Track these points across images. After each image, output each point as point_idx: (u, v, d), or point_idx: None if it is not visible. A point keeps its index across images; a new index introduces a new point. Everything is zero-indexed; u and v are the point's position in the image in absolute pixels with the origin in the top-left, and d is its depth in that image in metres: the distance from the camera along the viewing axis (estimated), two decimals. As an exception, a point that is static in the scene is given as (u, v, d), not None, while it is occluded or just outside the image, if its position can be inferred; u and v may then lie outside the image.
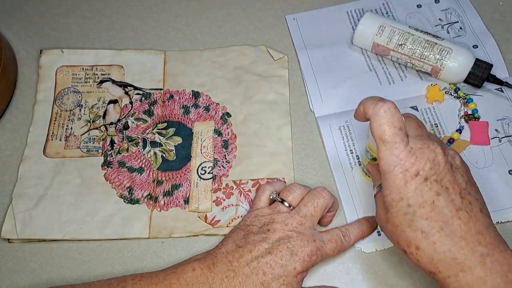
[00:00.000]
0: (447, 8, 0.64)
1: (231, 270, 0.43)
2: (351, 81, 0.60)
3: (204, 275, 0.43)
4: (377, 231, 0.50)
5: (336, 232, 0.47)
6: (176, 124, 0.58)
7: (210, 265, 0.44)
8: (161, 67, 0.62)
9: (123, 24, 0.66)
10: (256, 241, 0.44)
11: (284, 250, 0.43)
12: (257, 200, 0.49)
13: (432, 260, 0.38)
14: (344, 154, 0.55)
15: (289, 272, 0.43)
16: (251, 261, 0.43)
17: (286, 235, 0.44)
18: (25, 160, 0.57)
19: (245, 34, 0.64)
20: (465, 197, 0.39)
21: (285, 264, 0.43)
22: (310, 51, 0.62)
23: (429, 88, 0.58)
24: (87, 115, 0.59)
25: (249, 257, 0.43)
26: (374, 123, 0.40)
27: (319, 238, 0.45)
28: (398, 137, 0.39)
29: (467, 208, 0.39)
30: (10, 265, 0.52)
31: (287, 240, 0.44)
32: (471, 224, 0.38)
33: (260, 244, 0.44)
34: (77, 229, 0.53)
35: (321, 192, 0.48)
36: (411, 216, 0.39)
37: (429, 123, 0.56)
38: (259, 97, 0.59)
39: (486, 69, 0.55)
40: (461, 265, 0.37)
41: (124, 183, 0.55)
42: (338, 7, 0.65)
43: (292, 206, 0.47)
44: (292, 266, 0.43)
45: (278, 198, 0.48)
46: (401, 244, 0.40)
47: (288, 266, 0.43)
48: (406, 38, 0.57)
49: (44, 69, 0.62)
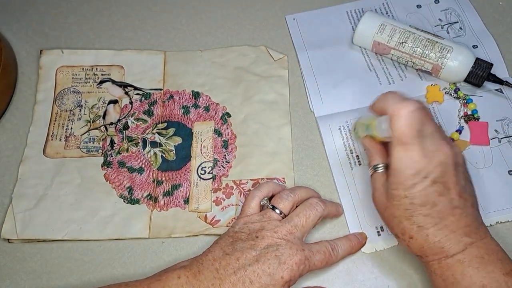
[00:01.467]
0: (447, 8, 0.64)
1: (217, 278, 0.42)
2: (351, 81, 0.60)
3: (189, 283, 0.43)
4: (377, 231, 0.50)
5: (324, 244, 0.47)
6: (176, 124, 0.59)
7: (196, 273, 0.43)
8: (161, 67, 0.62)
9: (123, 24, 0.66)
10: (244, 248, 0.44)
11: (272, 258, 0.43)
12: (246, 206, 0.48)
13: (422, 248, 0.42)
14: (344, 154, 0.55)
15: (276, 281, 0.42)
16: (238, 269, 0.43)
17: (275, 242, 0.44)
18: (25, 160, 0.57)
19: (245, 34, 0.64)
20: (462, 196, 0.42)
21: (273, 272, 0.42)
22: (310, 51, 0.62)
23: (429, 89, 0.58)
24: (87, 115, 0.59)
25: (236, 265, 0.43)
26: (395, 123, 0.40)
27: (308, 248, 0.45)
28: (416, 140, 0.40)
29: (462, 205, 0.42)
30: (10, 265, 0.52)
31: (276, 248, 0.44)
32: (462, 219, 0.41)
33: (248, 251, 0.44)
34: (77, 229, 0.53)
35: (314, 205, 0.47)
36: (411, 212, 0.41)
37: (429, 123, 0.56)
38: (259, 97, 0.59)
39: (487, 68, 0.55)
40: (446, 252, 0.41)
41: (124, 183, 0.55)
42: (338, 7, 0.65)
43: (284, 214, 0.47)
44: (280, 275, 0.43)
45: (269, 205, 0.48)
46: (395, 230, 0.43)
47: (275, 275, 0.42)
48: (407, 37, 0.57)
49: (44, 69, 0.62)
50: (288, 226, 0.45)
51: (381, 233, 0.50)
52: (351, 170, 0.54)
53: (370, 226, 0.51)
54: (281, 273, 0.43)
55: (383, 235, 0.50)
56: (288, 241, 0.44)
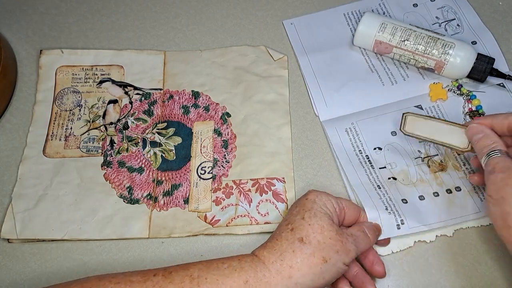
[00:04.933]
0: (443, 6, 0.64)
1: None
2: (354, 83, 0.60)
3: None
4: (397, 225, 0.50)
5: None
6: (176, 124, 0.58)
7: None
8: (161, 67, 0.62)
9: (123, 24, 0.66)
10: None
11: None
12: None
13: None
14: (353, 155, 0.55)
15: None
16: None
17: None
18: (24, 160, 0.57)
19: (244, 35, 0.64)
20: None
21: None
22: (310, 55, 0.62)
23: (432, 87, 0.58)
24: (86, 115, 0.59)
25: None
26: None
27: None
28: None
29: None
30: (10, 265, 0.52)
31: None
32: None
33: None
34: (76, 229, 0.52)
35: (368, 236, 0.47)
36: None
37: (436, 121, 0.56)
38: (259, 97, 0.59)
39: (489, 63, 0.55)
40: None
41: (124, 183, 0.55)
42: (335, 9, 0.65)
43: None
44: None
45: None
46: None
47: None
48: (408, 34, 0.57)
49: (44, 69, 0.62)
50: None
51: (401, 226, 0.49)
52: (363, 169, 0.54)
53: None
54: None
55: (403, 228, 0.49)
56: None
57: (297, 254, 0.41)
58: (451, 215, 0.51)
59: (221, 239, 0.52)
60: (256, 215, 0.53)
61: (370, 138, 0.56)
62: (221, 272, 0.41)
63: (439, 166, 0.53)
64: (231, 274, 0.41)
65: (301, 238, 0.42)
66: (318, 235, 0.42)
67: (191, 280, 0.40)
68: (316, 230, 0.42)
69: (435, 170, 0.53)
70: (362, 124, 0.57)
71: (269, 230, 0.52)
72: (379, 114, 0.57)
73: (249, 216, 0.53)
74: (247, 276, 0.41)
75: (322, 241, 0.42)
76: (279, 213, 0.53)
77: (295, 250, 0.42)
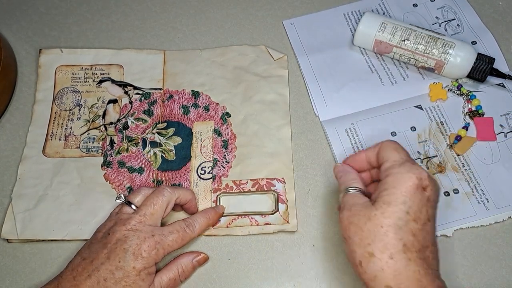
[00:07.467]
0: (443, 6, 0.64)
1: (74, 286, 0.43)
2: (354, 83, 0.60)
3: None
4: None
5: (178, 223, 0.48)
6: (175, 124, 0.58)
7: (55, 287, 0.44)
8: (160, 66, 0.62)
9: (123, 24, 0.66)
10: (98, 249, 0.45)
11: (121, 252, 0.44)
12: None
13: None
14: None
15: (129, 273, 0.43)
16: (92, 271, 0.43)
17: (123, 235, 0.45)
18: (24, 160, 0.56)
19: (244, 34, 0.64)
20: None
21: (123, 265, 0.43)
22: (310, 55, 0.62)
23: (432, 87, 0.58)
24: (86, 114, 0.59)
25: (91, 268, 0.44)
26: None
27: (158, 232, 0.46)
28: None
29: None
30: (10, 265, 0.52)
31: (124, 241, 0.44)
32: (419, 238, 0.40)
33: (101, 251, 0.44)
34: (77, 229, 0.52)
35: (161, 191, 0.48)
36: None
37: (435, 121, 0.56)
38: (259, 97, 0.59)
39: (489, 63, 0.55)
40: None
41: (124, 183, 0.55)
42: (335, 9, 0.65)
43: (137, 207, 0.48)
44: (131, 266, 0.43)
45: (124, 201, 0.49)
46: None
47: (126, 267, 0.43)
48: (408, 34, 0.57)
49: (44, 69, 0.62)
50: (137, 217, 0.46)
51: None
52: None
53: None
54: (132, 264, 0.43)
55: None
56: (136, 231, 0.45)
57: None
58: (448, 218, 0.51)
59: (221, 240, 0.52)
60: (257, 216, 0.53)
61: (370, 138, 0.56)
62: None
63: (438, 168, 0.53)
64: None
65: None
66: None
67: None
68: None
69: (433, 171, 0.53)
70: (362, 124, 0.57)
71: (269, 231, 0.52)
72: (379, 115, 0.57)
73: (249, 217, 0.53)
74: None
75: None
76: (279, 214, 0.53)
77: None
